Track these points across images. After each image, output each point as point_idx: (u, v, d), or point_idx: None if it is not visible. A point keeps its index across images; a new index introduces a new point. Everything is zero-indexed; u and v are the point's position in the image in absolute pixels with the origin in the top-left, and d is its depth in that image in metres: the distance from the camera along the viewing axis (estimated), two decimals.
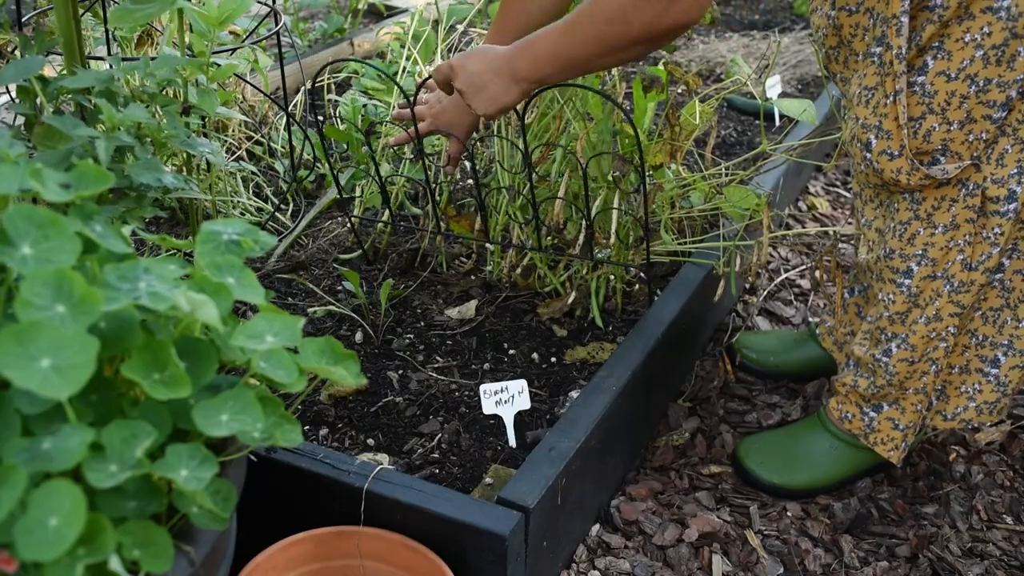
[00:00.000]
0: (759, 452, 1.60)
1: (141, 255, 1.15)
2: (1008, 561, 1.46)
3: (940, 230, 1.30)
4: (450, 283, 1.85)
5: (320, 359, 0.95)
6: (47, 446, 0.75)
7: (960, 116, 1.22)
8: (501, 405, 1.49)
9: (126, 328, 0.82)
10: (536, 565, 1.30)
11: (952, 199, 1.28)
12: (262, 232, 0.98)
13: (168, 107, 1.35)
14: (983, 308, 1.38)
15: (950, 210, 1.29)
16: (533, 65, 1.31)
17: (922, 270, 1.34)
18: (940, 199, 1.29)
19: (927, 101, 1.23)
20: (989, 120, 1.22)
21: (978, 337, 1.40)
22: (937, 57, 1.21)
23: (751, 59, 3.14)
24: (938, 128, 1.24)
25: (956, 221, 1.29)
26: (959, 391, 1.45)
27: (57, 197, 0.82)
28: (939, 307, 1.35)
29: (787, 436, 1.62)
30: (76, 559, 0.74)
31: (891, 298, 1.39)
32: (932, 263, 1.33)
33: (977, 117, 1.22)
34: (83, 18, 1.62)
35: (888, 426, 1.49)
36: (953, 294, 1.34)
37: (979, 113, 1.22)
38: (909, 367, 1.42)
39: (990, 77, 1.19)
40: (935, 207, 1.30)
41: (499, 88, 1.35)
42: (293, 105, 2.40)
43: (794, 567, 1.44)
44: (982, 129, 1.23)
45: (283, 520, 1.23)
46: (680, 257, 1.86)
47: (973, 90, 1.20)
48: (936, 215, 1.30)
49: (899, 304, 1.39)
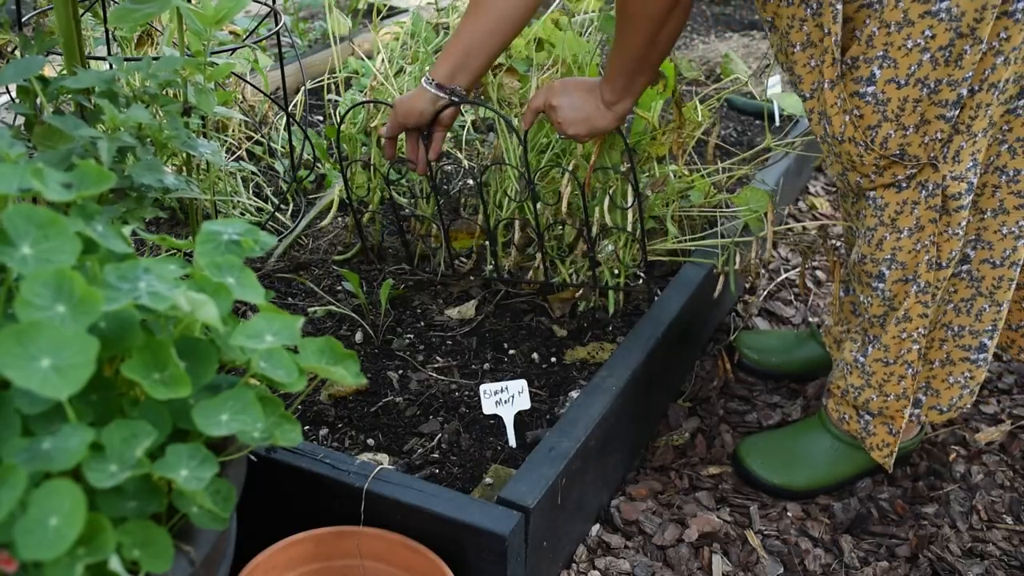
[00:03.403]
0: (760, 452, 1.60)
1: (141, 255, 1.15)
2: (1008, 561, 1.46)
3: (906, 233, 1.32)
4: (450, 283, 1.85)
5: (320, 359, 0.95)
6: (47, 446, 0.75)
7: (915, 120, 1.24)
8: (501, 405, 1.49)
9: (126, 328, 0.82)
10: (536, 565, 1.30)
11: (914, 202, 1.30)
12: (262, 232, 0.98)
13: (169, 108, 1.35)
14: (955, 300, 1.40)
15: (913, 212, 1.30)
16: (611, 83, 1.45)
17: (893, 274, 1.36)
18: (902, 203, 1.31)
19: (881, 110, 1.25)
20: (943, 120, 1.23)
21: (954, 328, 1.42)
22: (883, 66, 1.22)
23: (751, 59, 3.14)
24: (894, 135, 1.25)
25: (920, 223, 1.31)
26: (948, 383, 1.46)
27: (59, 197, 0.82)
28: (907, 307, 1.37)
29: (788, 436, 1.62)
30: (76, 559, 0.74)
31: (869, 301, 1.41)
32: (902, 266, 1.35)
33: (931, 118, 1.24)
34: (83, 18, 1.62)
35: (884, 431, 1.49)
36: (920, 294, 1.35)
37: (932, 114, 1.23)
38: (884, 368, 1.43)
39: (940, 78, 1.21)
40: (898, 211, 1.31)
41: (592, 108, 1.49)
42: (293, 105, 2.40)
43: (794, 567, 1.44)
44: (936, 129, 1.24)
45: (283, 520, 1.23)
46: (680, 257, 1.86)
47: (925, 92, 1.22)
48: (900, 219, 1.32)
49: (876, 307, 1.41)
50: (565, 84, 1.51)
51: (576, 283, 1.78)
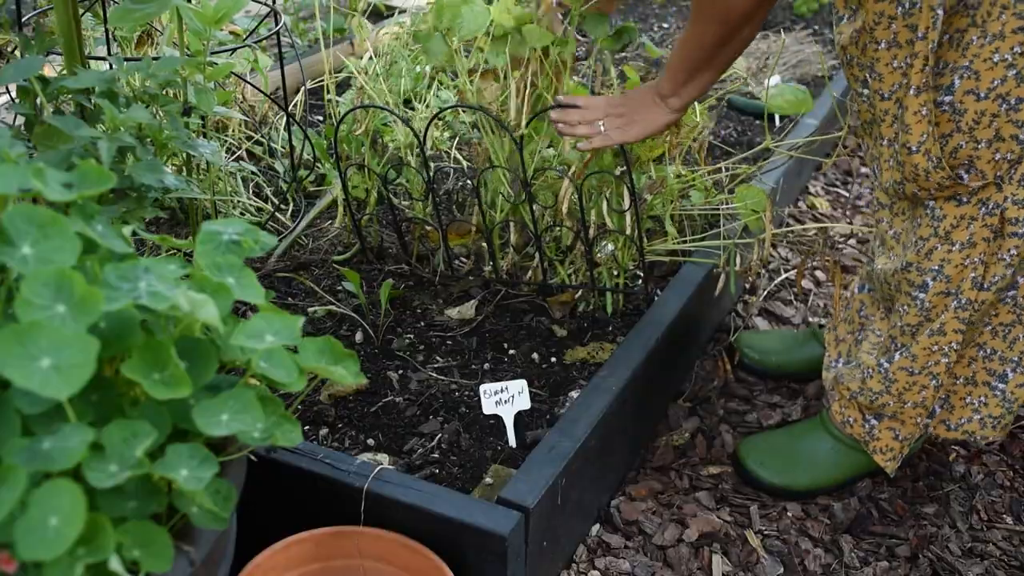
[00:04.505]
0: (760, 453, 1.60)
1: (141, 255, 1.15)
2: (1008, 561, 1.46)
3: (957, 247, 1.30)
4: (450, 283, 1.85)
5: (320, 359, 0.95)
6: (47, 446, 0.75)
7: (989, 135, 1.22)
8: (501, 405, 1.49)
9: (126, 328, 0.82)
10: (536, 565, 1.30)
11: (971, 217, 1.28)
12: (262, 232, 0.98)
13: (169, 108, 1.35)
14: (993, 323, 1.38)
15: (968, 228, 1.29)
16: (673, 81, 1.45)
17: (937, 285, 1.34)
18: (960, 218, 1.29)
19: (956, 119, 1.23)
20: (1017, 141, 1.22)
21: (986, 350, 1.40)
22: (964, 77, 1.20)
23: (751, 59, 3.14)
24: (965, 146, 1.24)
25: (973, 239, 1.29)
26: (964, 402, 1.44)
27: (59, 197, 0.82)
28: (944, 321, 1.35)
29: (789, 437, 1.62)
30: (76, 559, 0.74)
31: (905, 309, 1.40)
32: (947, 279, 1.33)
33: (1005, 136, 1.22)
34: (83, 18, 1.62)
35: (889, 435, 1.48)
36: (959, 310, 1.34)
37: (1008, 132, 1.21)
38: (908, 377, 1.41)
39: (1022, 96, 1.19)
40: (954, 225, 1.30)
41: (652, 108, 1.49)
42: (293, 105, 2.40)
43: (794, 567, 1.44)
44: (1008, 149, 1.22)
45: (283, 520, 1.23)
46: (680, 256, 1.87)
47: (1004, 108, 1.20)
48: (955, 233, 1.30)
49: (911, 316, 1.39)
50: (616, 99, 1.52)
51: (574, 285, 1.78)
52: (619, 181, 1.65)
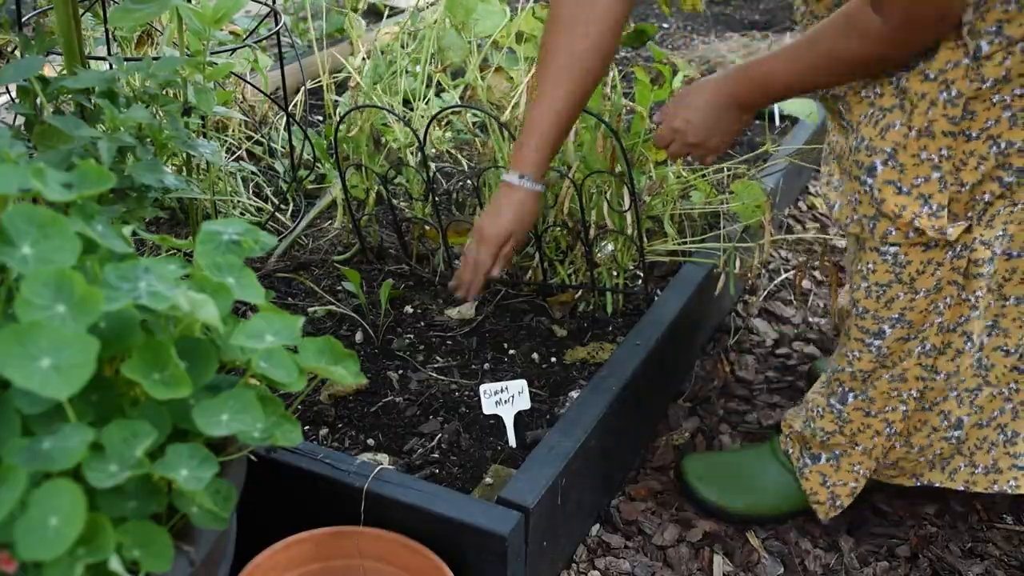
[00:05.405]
0: (703, 468, 1.54)
1: (141, 255, 1.15)
2: (1008, 561, 1.46)
3: (922, 294, 1.24)
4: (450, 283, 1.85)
5: (320, 359, 0.95)
6: (47, 446, 0.75)
7: (975, 177, 1.16)
8: (501, 405, 1.49)
9: (126, 328, 0.82)
10: (536, 565, 1.30)
11: (938, 262, 1.22)
12: (262, 232, 0.98)
13: (169, 108, 1.35)
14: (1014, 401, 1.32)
15: (935, 274, 1.22)
16: (764, 94, 1.28)
17: (896, 332, 1.28)
18: (926, 263, 1.22)
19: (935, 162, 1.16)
20: (999, 183, 1.17)
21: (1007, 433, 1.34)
22: None
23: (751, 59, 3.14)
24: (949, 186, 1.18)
25: (940, 284, 1.23)
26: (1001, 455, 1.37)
27: (59, 197, 0.82)
28: (906, 367, 1.30)
29: (736, 458, 1.55)
30: (76, 559, 0.74)
31: (856, 355, 1.33)
32: (908, 325, 1.27)
33: (987, 179, 1.17)
34: (83, 18, 1.62)
35: (816, 480, 1.44)
36: (923, 356, 1.28)
37: (992, 174, 1.16)
38: (864, 417, 1.36)
39: (1013, 140, 1.13)
40: (920, 271, 1.23)
41: (730, 123, 1.32)
42: (293, 105, 2.40)
43: (794, 567, 1.44)
44: (987, 191, 1.17)
45: (283, 520, 1.23)
46: (680, 256, 1.87)
47: (994, 152, 1.14)
48: (920, 280, 1.23)
49: (864, 363, 1.33)
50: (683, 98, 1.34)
51: (574, 285, 1.78)
52: (619, 181, 1.65)
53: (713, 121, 1.32)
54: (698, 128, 1.33)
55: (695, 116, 1.33)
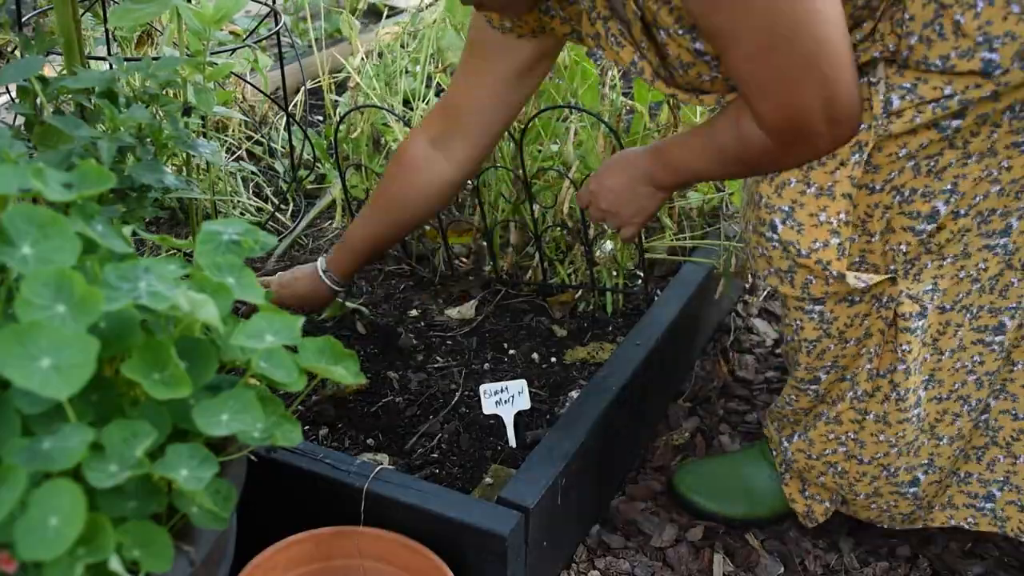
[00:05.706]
0: (694, 478, 1.54)
1: (141, 255, 1.15)
2: (1008, 561, 1.46)
3: (852, 343, 1.24)
4: (450, 283, 1.85)
5: (320, 359, 0.95)
6: (47, 446, 0.75)
7: (880, 227, 1.15)
8: (501, 405, 1.49)
9: (126, 328, 0.82)
10: (536, 565, 1.30)
11: (865, 315, 1.21)
12: (262, 232, 0.98)
13: (169, 108, 1.35)
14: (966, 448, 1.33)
15: (863, 324, 1.22)
16: (675, 178, 1.28)
17: (831, 376, 1.29)
18: (853, 317, 1.22)
19: None
20: (912, 232, 1.14)
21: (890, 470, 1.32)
22: None
23: None
24: (857, 239, 1.17)
25: (869, 331, 1.23)
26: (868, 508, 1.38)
27: (59, 197, 0.82)
28: (840, 411, 1.30)
29: (726, 463, 1.55)
30: (76, 559, 0.74)
31: (795, 396, 1.36)
32: (842, 369, 1.28)
33: (896, 228, 1.15)
34: (83, 18, 1.62)
35: (796, 487, 1.44)
36: (855, 401, 1.28)
37: (899, 224, 1.14)
38: (807, 460, 1.37)
39: (916, 187, 1.11)
40: (848, 325, 1.22)
41: (645, 198, 1.32)
42: (293, 105, 2.40)
43: (794, 567, 1.44)
44: (902, 240, 1.15)
45: (283, 520, 1.23)
46: (680, 256, 1.86)
47: (897, 200, 1.12)
48: (848, 332, 1.23)
49: (803, 402, 1.35)
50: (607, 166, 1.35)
51: (574, 285, 1.78)
52: None
53: (629, 194, 1.32)
54: (611, 199, 1.34)
55: (613, 184, 1.33)
